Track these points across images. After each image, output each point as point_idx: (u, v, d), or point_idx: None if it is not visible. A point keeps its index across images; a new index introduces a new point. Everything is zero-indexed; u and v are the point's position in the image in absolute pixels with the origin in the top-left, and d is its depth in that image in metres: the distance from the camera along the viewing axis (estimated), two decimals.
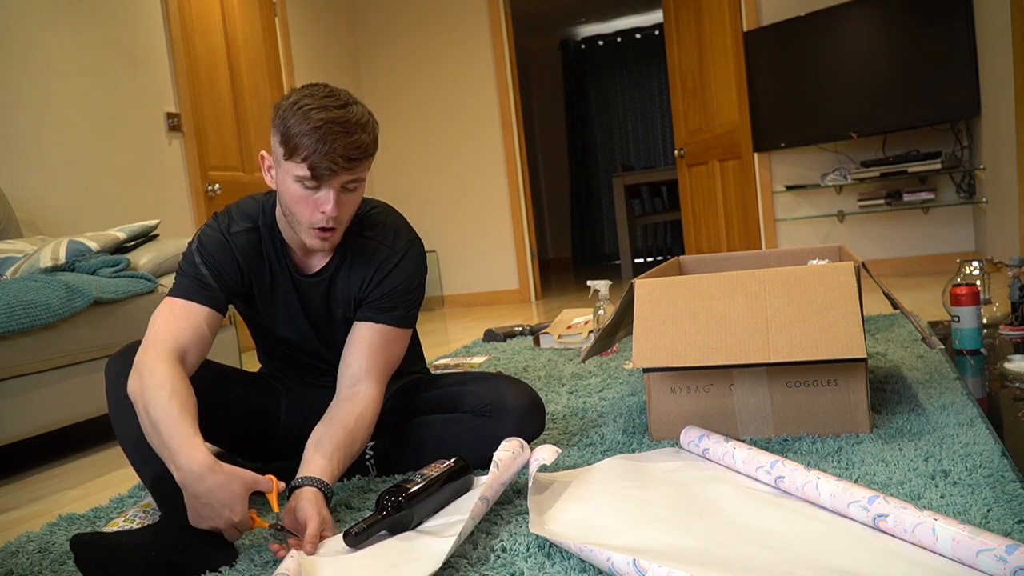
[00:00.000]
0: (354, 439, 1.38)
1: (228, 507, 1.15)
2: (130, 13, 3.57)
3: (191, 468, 1.16)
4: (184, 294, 1.39)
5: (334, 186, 1.32)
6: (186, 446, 1.18)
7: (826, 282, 1.55)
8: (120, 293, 2.26)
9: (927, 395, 1.79)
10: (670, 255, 8.41)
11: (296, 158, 1.29)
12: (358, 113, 1.32)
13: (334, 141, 1.27)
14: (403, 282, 1.49)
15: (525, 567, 1.10)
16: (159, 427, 1.21)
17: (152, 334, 1.34)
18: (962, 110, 3.95)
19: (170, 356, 1.30)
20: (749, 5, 4.59)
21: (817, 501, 1.21)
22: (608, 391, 2.19)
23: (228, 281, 1.43)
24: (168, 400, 1.22)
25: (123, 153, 3.48)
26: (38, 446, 2.41)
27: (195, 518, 1.18)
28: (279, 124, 1.30)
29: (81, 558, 1.17)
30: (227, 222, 1.46)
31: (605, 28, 8.60)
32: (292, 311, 1.52)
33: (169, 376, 1.26)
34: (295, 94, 1.31)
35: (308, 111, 1.27)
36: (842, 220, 4.58)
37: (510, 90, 5.30)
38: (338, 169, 1.29)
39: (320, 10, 5.11)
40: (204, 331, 1.37)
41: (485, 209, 5.39)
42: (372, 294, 1.48)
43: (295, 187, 1.32)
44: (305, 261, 1.50)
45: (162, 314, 1.37)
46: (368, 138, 1.32)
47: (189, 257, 1.43)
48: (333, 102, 1.29)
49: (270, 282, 1.49)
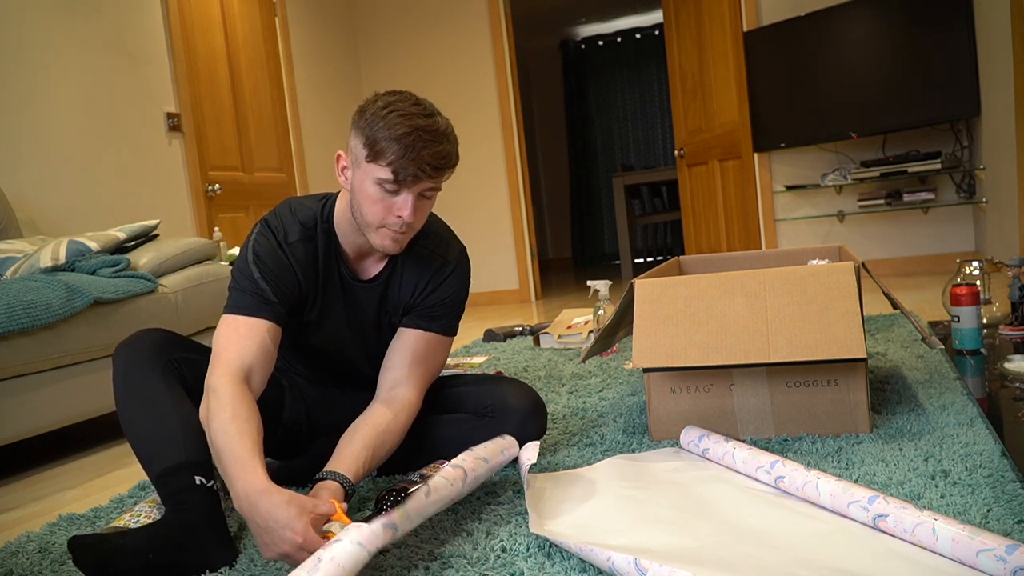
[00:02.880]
0: (384, 441, 1.37)
1: (289, 528, 1.08)
2: (130, 13, 3.57)
3: (246, 493, 1.12)
4: (245, 310, 1.35)
5: (414, 192, 1.32)
6: (242, 471, 1.14)
7: (826, 282, 1.55)
8: (120, 293, 2.26)
9: (927, 395, 1.79)
10: (670, 255, 8.41)
11: (381, 161, 1.29)
12: (444, 124, 1.34)
13: (422, 149, 1.28)
14: (454, 293, 1.51)
15: (525, 567, 1.10)
16: (219, 451, 1.18)
17: (217, 352, 1.31)
18: (962, 110, 3.95)
19: (234, 376, 1.27)
20: (749, 5, 4.59)
21: (817, 501, 1.21)
22: (608, 391, 2.19)
23: (287, 293, 1.41)
24: (228, 423, 1.20)
25: (123, 153, 3.48)
26: (38, 446, 2.41)
27: (264, 547, 1.12)
28: (365, 127, 1.30)
29: (80, 560, 1.17)
30: (282, 231, 1.43)
31: (605, 28, 8.60)
32: (339, 317, 1.51)
33: (231, 397, 1.23)
34: (383, 99, 1.32)
35: (398, 117, 1.28)
36: (842, 220, 4.58)
37: (510, 90, 5.30)
38: (423, 176, 1.30)
39: (320, 10, 5.11)
40: (269, 346, 1.35)
41: (485, 209, 5.39)
42: (424, 302, 1.49)
43: (374, 189, 1.32)
44: (359, 267, 1.49)
45: (225, 334, 1.34)
46: (452, 149, 1.34)
47: (245, 270, 1.39)
48: (421, 111, 1.31)
49: (323, 290, 1.48)
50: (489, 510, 1.34)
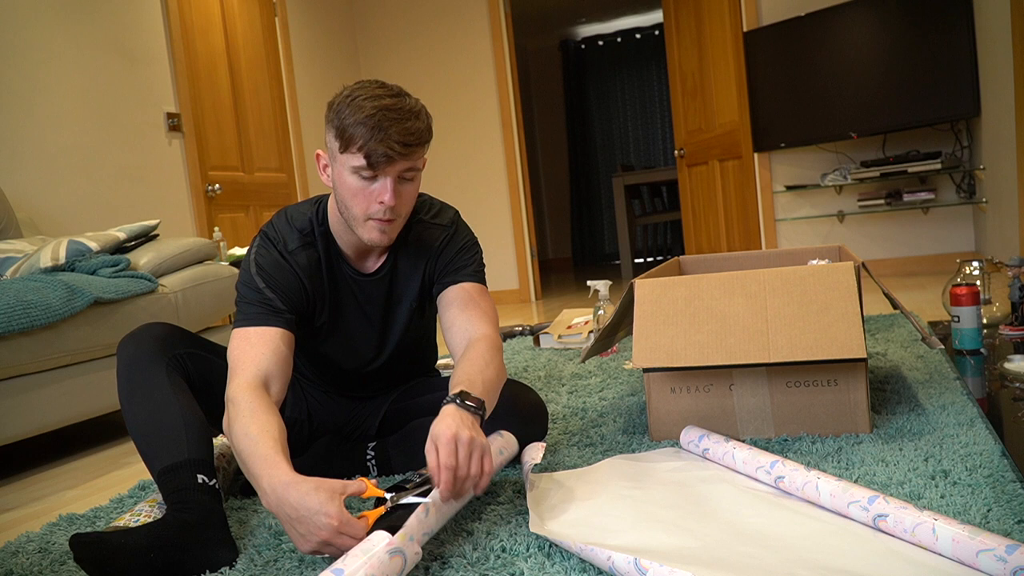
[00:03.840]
0: (487, 363, 1.33)
1: (322, 513, 1.05)
2: (130, 13, 3.57)
3: (272, 487, 1.10)
4: (255, 321, 1.35)
5: (391, 175, 1.31)
6: (266, 466, 1.13)
7: (826, 282, 1.55)
8: (120, 293, 2.26)
9: (927, 395, 1.79)
10: (670, 255, 8.41)
11: (352, 148, 1.29)
12: (411, 102, 1.32)
13: (389, 128, 1.27)
14: (462, 245, 1.51)
15: (525, 567, 1.10)
16: (242, 454, 1.18)
17: (232, 366, 1.31)
18: (962, 110, 3.95)
19: (252, 384, 1.26)
20: (749, 5, 4.59)
21: (817, 501, 1.21)
22: (608, 391, 2.19)
23: (294, 301, 1.41)
24: (248, 425, 1.19)
25: (123, 153, 3.48)
26: (38, 446, 2.41)
27: (299, 540, 1.09)
28: (333, 118, 1.31)
29: (80, 558, 1.17)
30: (282, 241, 1.43)
31: (605, 28, 8.60)
32: (351, 316, 1.51)
33: (250, 403, 1.23)
34: (347, 89, 1.32)
35: (362, 101, 1.28)
36: (842, 220, 4.58)
37: (510, 90, 5.30)
38: (394, 155, 1.29)
39: (320, 10, 5.11)
40: (284, 352, 1.34)
41: (485, 209, 5.39)
42: (444, 267, 1.49)
43: (352, 179, 1.32)
44: (361, 264, 1.49)
45: (238, 346, 1.33)
46: (422, 125, 1.32)
47: (250, 283, 1.39)
48: (386, 92, 1.30)
49: (330, 292, 1.48)
50: (489, 510, 1.34)
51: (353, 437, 1.66)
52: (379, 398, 1.67)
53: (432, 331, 1.70)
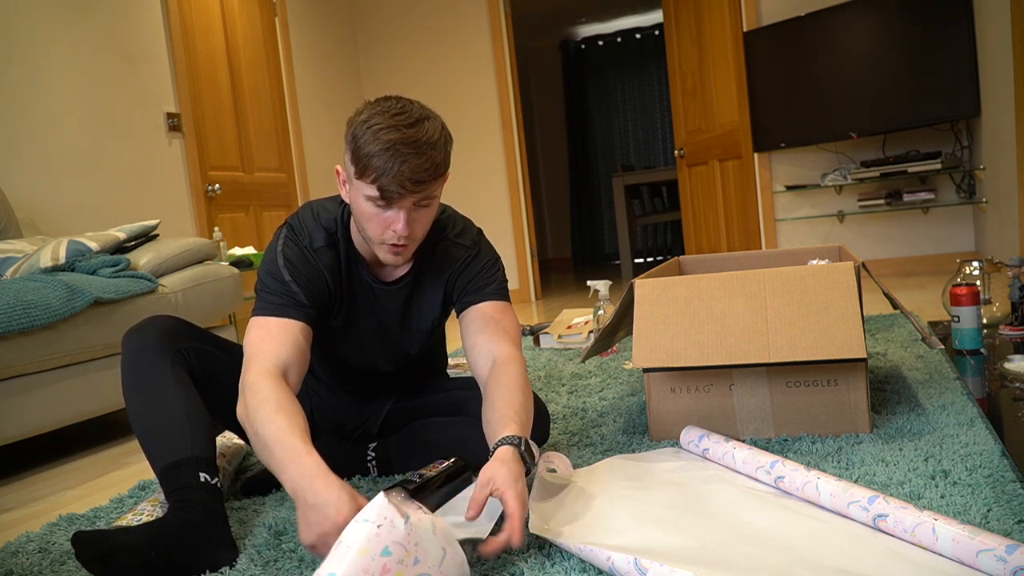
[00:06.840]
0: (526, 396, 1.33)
1: (335, 507, 1.05)
2: (130, 13, 3.57)
3: (301, 474, 1.09)
4: (276, 311, 1.34)
5: (404, 206, 1.29)
6: (297, 455, 1.12)
7: (826, 282, 1.55)
8: (120, 293, 2.26)
9: (927, 395, 1.79)
10: (670, 255, 8.41)
11: (366, 179, 1.26)
12: (430, 130, 1.27)
13: (403, 163, 1.23)
14: (485, 262, 1.50)
15: (525, 567, 1.10)
16: (267, 441, 1.15)
17: (251, 353, 1.29)
18: (962, 110, 3.95)
19: (271, 372, 1.25)
20: (749, 5, 4.59)
21: (817, 501, 1.21)
22: (608, 391, 2.19)
23: (318, 297, 1.40)
24: (274, 412, 1.17)
25: (123, 153, 3.48)
26: (38, 446, 2.41)
27: (304, 527, 1.08)
28: (350, 142, 1.27)
29: (81, 555, 1.17)
30: (307, 237, 1.42)
31: (605, 28, 8.60)
32: (365, 321, 1.50)
33: (273, 391, 1.21)
34: (367, 110, 1.28)
35: (378, 131, 1.24)
36: (842, 220, 4.58)
37: (510, 90, 5.30)
38: (406, 192, 1.26)
39: (320, 10, 5.11)
40: (303, 345, 1.33)
41: (485, 209, 5.39)
42: (466, 285, 1.48)
43: (366, 205, 1.30)
44: (382, 271, 1.48)
45: (256, 334, 1.32)
46: (439, 157, 1.28)
47: (276, 274, 1.38)
48: (404, 120, 1.25)
49: (348, 295, 1.48)
50: None
51: (355, 436, 1.66)
52: (384, 398, 1.67)
53: (443, 340, 1.70)
